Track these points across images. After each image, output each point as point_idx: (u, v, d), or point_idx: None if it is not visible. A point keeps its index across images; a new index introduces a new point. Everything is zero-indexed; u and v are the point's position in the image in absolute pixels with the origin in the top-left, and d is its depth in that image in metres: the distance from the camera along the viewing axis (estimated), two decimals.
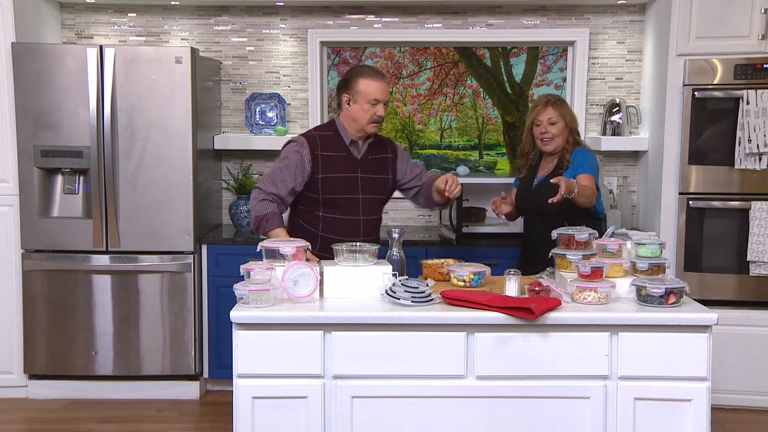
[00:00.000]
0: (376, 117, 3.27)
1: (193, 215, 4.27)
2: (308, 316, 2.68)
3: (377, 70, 3.41)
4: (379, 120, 3.30)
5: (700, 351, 2.67)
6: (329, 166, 3.28)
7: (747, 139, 4.02)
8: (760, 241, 4.05)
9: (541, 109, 3.61)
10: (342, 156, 3.31)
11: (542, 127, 3.60)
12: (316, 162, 3.28)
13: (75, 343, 4.31)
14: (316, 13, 4.80)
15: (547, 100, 3.63)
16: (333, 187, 3.30)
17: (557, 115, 3.59)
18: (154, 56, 4.18)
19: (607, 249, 3.00)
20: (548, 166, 3.66)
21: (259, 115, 4.81)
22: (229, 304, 2.79)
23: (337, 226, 3.30)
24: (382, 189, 3.42)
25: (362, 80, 3.26)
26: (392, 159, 3.45)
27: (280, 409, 2.69)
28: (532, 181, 3.68)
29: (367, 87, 3.24)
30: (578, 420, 2.69)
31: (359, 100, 3.26)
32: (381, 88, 3.26)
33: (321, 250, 3.23)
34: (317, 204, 3.33)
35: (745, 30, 4.08)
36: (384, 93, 3.27)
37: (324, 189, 3.30)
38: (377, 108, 3.26)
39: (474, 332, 2.68)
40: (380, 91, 3.26)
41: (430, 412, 2.69)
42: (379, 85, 3.26)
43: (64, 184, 4.33)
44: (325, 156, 3.29)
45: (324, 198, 3.31)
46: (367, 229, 3.35)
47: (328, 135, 3.34)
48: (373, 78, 3.27)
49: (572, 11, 4.75)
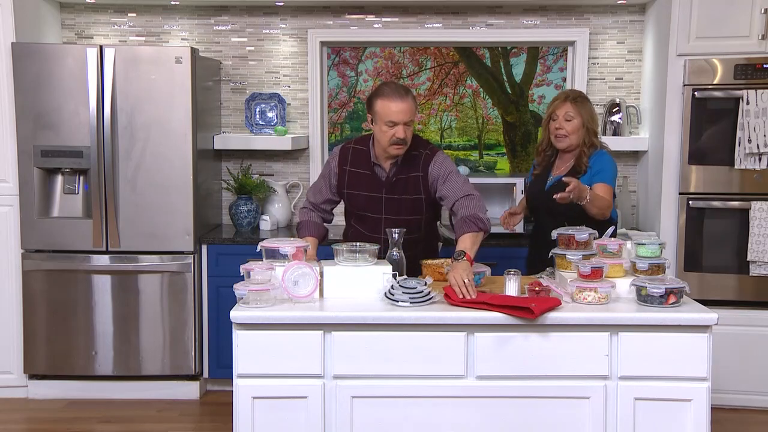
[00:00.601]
0: (395, 139, 3.08)
1: (193, 215, 4.26)
2: (308, 316, 2.68)
3: (399, 87, 3.14)
4: (400, 142, 3.10)
5: (700, 351, 2.67)
6: (354, 183, 3.24)
7: (747, 139, 4.02)
8: (760, 241, 4.05)
9: (559, 104, 3.47)
10: (367, 174, 3.23)
11: (558, 122, 3.45)
12: (343, 176, 3.26)
13: (75, 343, 4.31)
14: (316, 13, 4.80)
15: (566, 95, 3.50)
16: (357, 204, 3.29)
17: (575, 111, 3.43)
18: (154, 56, 4.18)
19: (607, 249, 3.00)
20: (564, 166, 3.52)
21: (259, 115, 4.81)
22: (229, 304, 2.79)
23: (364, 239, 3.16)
24: (412, 209, 3.23)
25: (379, 100, 3.10)
26: (423, 177, 3.21)
27: (280, 409, 2.70)
28: (545, 179, 3.57)
29: (384, 108, 3.08)
30: (578, 420, 2.69)
31: (378, 122, 3.11)
32: (399, 108, 3.05)
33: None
34: (351, 214, 3.38)
35: (745, 30, 4.08)
36: (402, 114, 3.05)
37: (350, 203, 3.32)
38: (396, 130, 3.07)
39: (474, 332, 2.68)
40: (398, 111, 3.05)
41: (430, 412, 2.69)
42: (397, 106, 3.05)
43: (64, 184, 4.33)
44: (352, 172, 3.24)
45: (351, 211, 3.36)
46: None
47: (361, 150, 3.26)
48: (389, 98, 3.07)
49: (572, 11, 4.75)
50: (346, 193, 3.29)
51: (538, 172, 3.63)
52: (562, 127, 3.45)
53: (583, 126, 3.45)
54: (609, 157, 3.49)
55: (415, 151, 3.22)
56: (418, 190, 3.22)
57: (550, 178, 3.56)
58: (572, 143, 3.47)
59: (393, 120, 3.06)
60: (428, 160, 3.21)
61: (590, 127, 3.47)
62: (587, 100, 3.55)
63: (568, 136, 3.46)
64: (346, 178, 3.26)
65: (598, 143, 3.51)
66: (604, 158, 3.47)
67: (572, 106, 3.44)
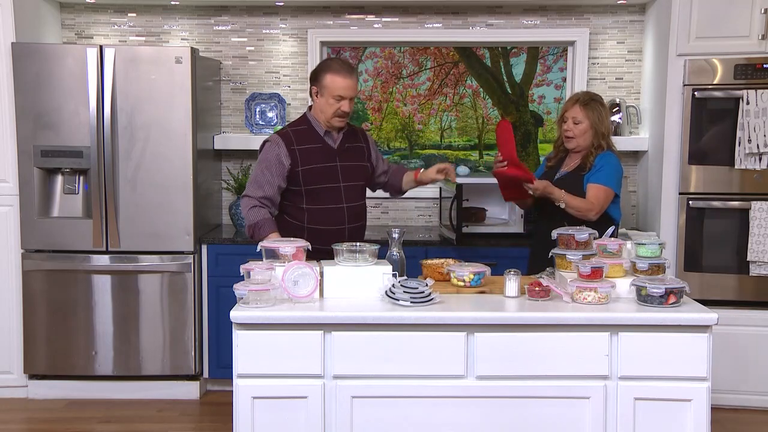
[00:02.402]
0: (340, 112, 3.28)
1: (193, 215, 4.27)
2: (308, 316, 2.68)
3: (347, 64, 3.37)
4: (344, 115, 3.31)
5: (700, 351, 2.67)
6: (307, 159, 3.31)
7: (747, 139, 4.02)
8: (760, 241, 4.05)
9: (569, 106, 3.57)
10: (319, 147, 3.35)
11: (567, 123, 3.56)
12: (294, 156, 3.31)
13: (75, 343, 4.31)
14: (316, 13, 4.80)
15: (577, 98, 3.57)
16: (314, 179, 3.33)
17: (583, 115, 3.51)
18: (154, 56, 4.18)
19: (607, 249, 3.00)
20: (572, 163, 3.62)
21: (259, 115, 4.81)
22: (229, 304, 2.79)
23: (323, 216, 3.33)
24: (361, 176, 3.47)
25: (329, 75, 3.27)
26: (366, 148, 3.51)
27: (280, 409, 2.69)
28: (553, 174, 3.65)
29: (333, 82, 3.26)
30: (578, 420, 2.69)
31: (325, 94, 3.28)
32: (347, 84, 3.26)
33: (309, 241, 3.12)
34: (301, 196, 3.35)
35: (745, 30, 4.08)
36: (350, 90, 3.27)
37: (305, 181, 3.33)
38: (342, 104, 3.27)
39: (474, 332, 2.68)
40: (346, 87, 3.26)
41: (430, 412, 2.69)
42: (345, 82, 3.26)
43: (64, 184, 4.33)
44: (302, 149, 3.32)
45: (306, 190, 3.34)
46: (351, 215, 3.39)
47: (302, 129, 3.38)
48: (339, 74, 3.26)
49: (572, 11, 4.75)
50: (301, 171, 3.31)
51: (552, 164, 3.70)
52: (570, 129, 3.55)
53: (591, 128, 3.53)
54: (613, 159, 3.54)
55: (354, 128, 3.54)
56: (363, 158, 3.48)
57: (559, 172, 3.64)
58: (579, 144, 3.56)
59: (341, 95, 3.25)
60: (365, 135, 3.58)
61: (599, 129, 3.53)
62: (599, 102, 3.58)
63: (575, 138, 3.54)
64: (298, 157, 3.30)
65: (605, 144, 3.56)
66: (608, 159, 3.52)
67: (581, 110, 3.52)
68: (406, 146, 4.96)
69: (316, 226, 3.33)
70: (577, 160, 3.60)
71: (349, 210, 3.37)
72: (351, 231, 3.37)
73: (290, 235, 3.19)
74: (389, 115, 4.94)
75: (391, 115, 4.94)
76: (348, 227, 3.35)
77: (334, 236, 3.22)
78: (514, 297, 2.86)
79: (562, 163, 3.67)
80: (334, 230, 3.32)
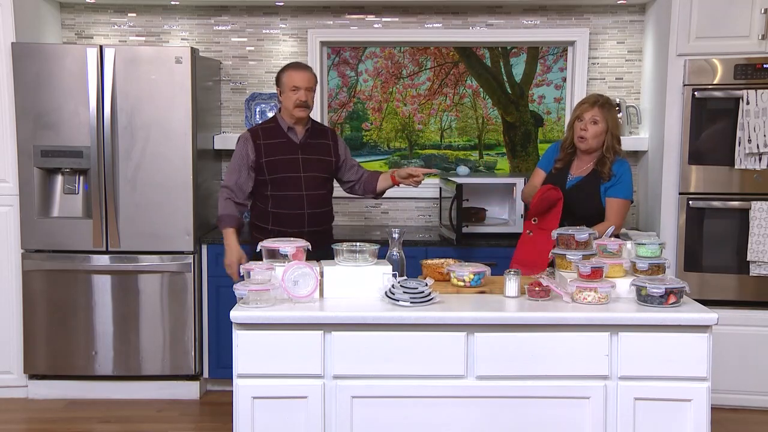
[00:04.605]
0: (298, 101, 3.63)
1: (193, 215, 4.27)
2: (308, 316, 2.68)
3: (301, 63, 3.84)
4: (302, 104, 3.64)
5: (700, 351, 2.67)
6: (271, 151, 3.69)
7: (747, 139, 4.02)
8: (760, 241, 4.05)
9: (587, 107, 3.57)
10: (282, 141, 3.72)
11: (583, 123, 3.56)
12: (259, 149, 3.69)
13: (75, 343, 4.31)
14: (316, 13, 4.80)
15: (595, 100, 3.59)
16: (276, 168, 3.68)
17: (601, 116, 3.54)
18: (154, 56, 4.18)
19: (607, 249, 3.01)
20: (584, 166, 3.62)
21: (259, 115, 4.81)
22: (229, 304, 2.79)
23: (284, 201, 3.69)
24: (324, 168, 3.78)
25: (285, 73, 3.71)
26: (333, 145, 3.83)
27: (280, 409, 2.70)
28: (565, 176, 3.64)
29: (288, 77, 3.67)
30: (578, 420, 2.69)
31: (285, 90, 3.68)
32: (301, 76, 3.66)
33: (274, 225, 3.68)
34: (266, 184, 3.71)
35: (745, 30, 4.08)
36: (304, 80, 3.64)
37: (269, 171, 3.68)
38: (299, 93, 3.63)
39: (474, 332, 2.68)
40: (300, 79, 3.65)
41: (430, 412, 2.69)
42: (299, 74, 3.66)
43: (64, 184, 4.33)
44: (267, 143, 3.70)
45: (270, 178, 3.69)
46: (311, 202, 3.70)
47: (269, 126, 3.78)
48: (293, 69, 3.71)
49: (572, 11, 4.75)
50: (265, 162, 3.68)
51: (560, 167, 3.70)
52: (587, 129, 3.55)
53: (608, 131, 3.56)
54: (629, 168, 3.61)
55: (320, 126, 3.90)
56: (328, 153, 3.80)
57: (570, 177, 3.63)
58: (592, 146, 3.57)
59: (296, 85, 3.64)
60: (335, 135, 3.92)
61: (614, 133, 3.58)
62: (614, 107, 3.64)
63: (588, 139, 3.56)
64: (263, 150, 3.69)
65: (620, 150, 3.63)
66: (624, 168, 3.59)
67: (600, 111, 3.55)
68: (406, 146, 4.96)
69: (279, 210, 3.69)
70: (589, 164, 3.60)
71: (308, 197, 3.69)
72: (310, 216, 3.70)
73: (259, 218, 3.74)
74: (389, 115, 4.94)
75: (391, 115, 4.94)
76: (307, 212, 3.68)
77: (294, 220, 3.66)
78: (514, 297, 2.87)
79: (570, 165, 3.67)
80: (294, 215, 3.68)
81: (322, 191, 3.78)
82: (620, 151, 3.63)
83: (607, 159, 3.55)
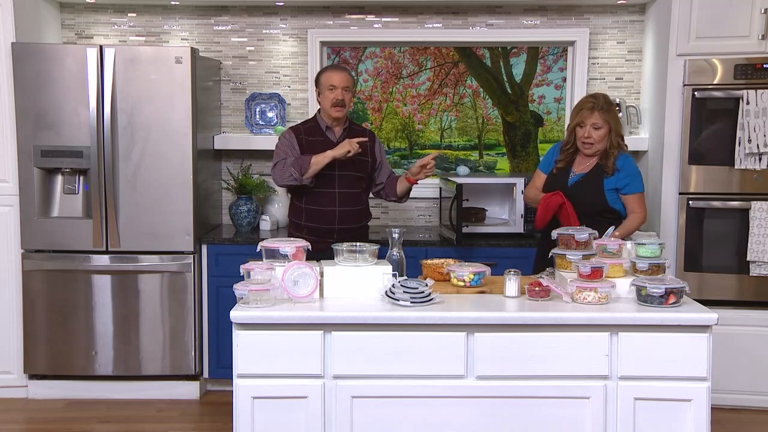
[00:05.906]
0: (335, 100, 3.72)
1: (193, 215, 4.27)
2: (308, 316, 2.68)
3: (338, 65, 4.10)
4: (339, 103, 3.73)
5: (700, 351, 2.67)
6: (310, 148, 3.77)
7: (747, 139, 4.02)
8: (760, 241, 4.05)
9: (587, 113, 3.54)
10: (321, 140, 3.80)
11: (585, 130, 3.54)
12: (301, 144, 3.79)
13: (75, 343, 4.31)
14: (316, 13, 4.80)
15: (593, 104, 3.54)
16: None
17: (602, 121, 3.52)
18: (154, 56, 4.18)
19: (607, 249, 3.01)
20: (586, 163, 3.62)
21: (259, 115, 4.81)
22: (229, 304, 2.79)
23: (317, 199, 3.78)
24: (359, 168, 3.84)
25: (323, 74, 3.83)
26: (370, 144, 3.88)
27: (280, 409, 2.70)
28: (567, 175, 3.64)
29: (326, 78, 3.78)
30: (578, 420, 2.70)
31: (323, 91, 3.78)
32: (337, 76, 3.75)
33: (307, 221, 3.80)
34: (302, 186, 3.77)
35: (745, 30, 4.08)
36: (340, 80, 3.74)
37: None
38: (335, 92, 3.72)
39: (474, 332, 2.68)
40: (336, 78, 3.74)
41: (430, 412, 2.69)
42: (335, 74, 3.77)
43: (64, 184, 4.33)
44: (308, 140, 3.80)
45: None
46: (343, 200, 3.78)
47: (310, 125, 3.88)
48: (330, 70, 3.84)
49: (572, 11, 4.75)
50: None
51: (562, 166, 3.69)
52: (590, 136, 3.55)
53: (611, 132, 3.57)
54: (633, 162, 3.62)
55: (358, 127, 3.98)
56: (365, 153, 3.83)
57: (572, 174, 3.63)
58: (598, 150, 3.59)
59: (333, 84, 3.73)
60: (373, 136, 3.97)
61: (617, 131, 3.59)
62: (612, 104, 3.64)
63: (594, 144, 3.56)
64: (304, 146, 3.78)
65: (624, 146, 3.63)
66: (629, 163, 3.59)
67: (600, 115, 3.54)
68: (406, 146, 4.96)
69: (312, 207, 3.79)
70: (592, 161, 3.60)
71: (341, 195, 3.78)
72: (341, 214, 3.77)
73: (294, 214, 3.87)
74: (389, 115, 4.94)
75: (391, 115, 4.94)
76: (338, 210, 3.76)
77: (326, 217, 3.76)
78: (514, 297, 2.87)
79: (571, 164, 3.66)
80: (326, 212, 3.76)
81: (356, 190, 3.84)
82: (624, 147, 3.63)
83: (611, 154, 3.57)
